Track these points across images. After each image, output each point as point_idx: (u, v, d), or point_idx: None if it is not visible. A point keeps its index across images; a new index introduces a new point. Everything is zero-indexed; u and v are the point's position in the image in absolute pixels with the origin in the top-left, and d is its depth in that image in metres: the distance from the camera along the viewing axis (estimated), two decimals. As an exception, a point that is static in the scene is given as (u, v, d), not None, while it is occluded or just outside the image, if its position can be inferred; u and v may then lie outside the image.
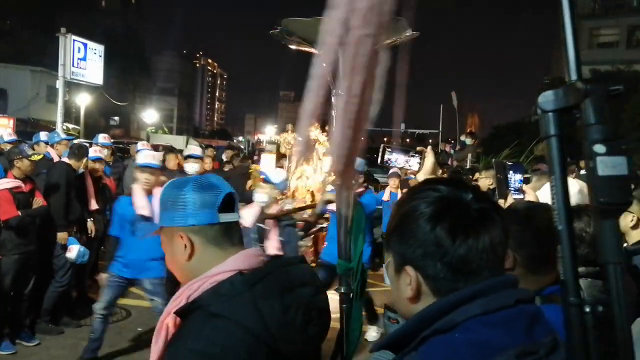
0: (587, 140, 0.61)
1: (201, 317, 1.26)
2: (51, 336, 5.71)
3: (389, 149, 2.25)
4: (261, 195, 5.13)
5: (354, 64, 0.63)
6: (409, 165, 2.29)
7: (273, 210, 5.21)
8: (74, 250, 5.76)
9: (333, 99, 2.27)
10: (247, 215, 4.97)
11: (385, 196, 8.64)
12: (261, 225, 5.09)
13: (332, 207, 5.81)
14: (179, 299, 1.34)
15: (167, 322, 1.36)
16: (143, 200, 4.84)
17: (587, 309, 0.64)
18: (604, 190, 0.60)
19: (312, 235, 7.65)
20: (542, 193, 3.80)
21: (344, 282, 2.56)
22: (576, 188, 3.08)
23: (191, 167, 6.91)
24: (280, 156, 10.20)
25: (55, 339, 5.70)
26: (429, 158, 2.01)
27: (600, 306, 0.62)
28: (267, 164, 8.65)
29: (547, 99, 0.67)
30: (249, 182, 8.01)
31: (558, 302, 0.72)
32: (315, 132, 8.02)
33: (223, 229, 1.41)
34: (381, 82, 0.63)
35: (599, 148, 0.60)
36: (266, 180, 5.24)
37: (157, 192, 4.73)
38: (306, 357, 1.34)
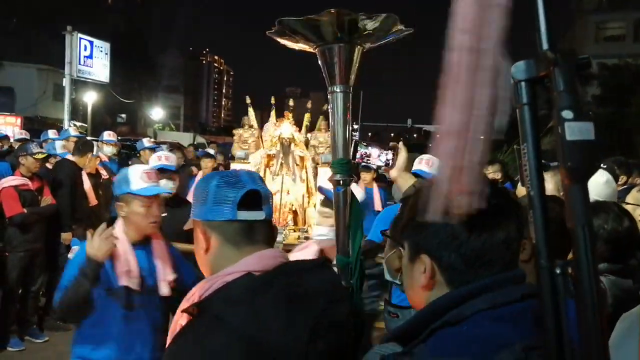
0: (556, 107, 0.63)
1: (203, 321, 1.22)
2: (59, 333, 5.69)
3: (364, 144, 2.24)
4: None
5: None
6: (380, 161, 2.27)
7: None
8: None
9: (329, 97, 2.26)
10: None
11: None
12: None
13: None
14: (192, 298, 1.31)
15: (180, 322, 1.32)
16: None
17: (558, 271, 0.66)
18: (572, 154, 0.62)
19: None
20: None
21: (344, 277, 2.56)
22: (603, 178, 3.03)
23: None
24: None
25: (63, 336, 5.67)
26: (402, 154, 1.97)
27: (570, 268, 0.64)
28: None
29: (519, 68, 0.69)
30: None
31: None
32: (290, 129, 5.77)
33: (243, 227, 1.35)
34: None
35: (567, 114, 0.62)
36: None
37: None
38: None
